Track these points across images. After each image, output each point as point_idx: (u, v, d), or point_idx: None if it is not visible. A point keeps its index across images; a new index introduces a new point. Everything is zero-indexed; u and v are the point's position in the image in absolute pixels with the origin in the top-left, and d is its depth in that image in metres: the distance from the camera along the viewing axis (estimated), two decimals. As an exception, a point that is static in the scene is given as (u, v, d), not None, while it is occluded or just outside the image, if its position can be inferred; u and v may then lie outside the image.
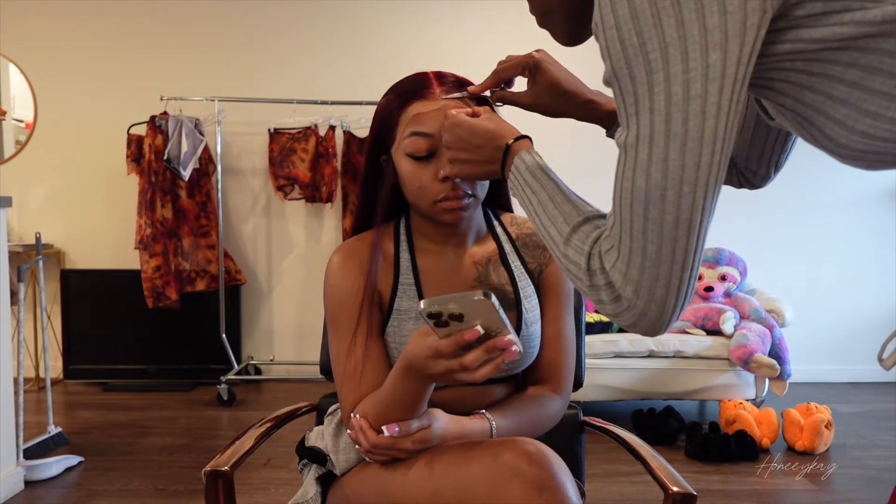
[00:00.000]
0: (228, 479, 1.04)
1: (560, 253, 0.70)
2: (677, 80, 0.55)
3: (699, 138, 0.56)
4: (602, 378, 3.11)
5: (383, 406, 0.95)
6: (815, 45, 0.56)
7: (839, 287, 4.09)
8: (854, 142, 0.59)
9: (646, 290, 0.61)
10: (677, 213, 0.58)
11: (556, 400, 1.10)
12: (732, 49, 0.54)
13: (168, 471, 2.60)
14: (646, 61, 0.56)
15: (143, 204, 3.62)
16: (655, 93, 0.56)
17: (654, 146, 0.57)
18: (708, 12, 0.54)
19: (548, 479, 0.83)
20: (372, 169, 1.09)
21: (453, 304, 0.79)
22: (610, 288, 0.63)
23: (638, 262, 0.61)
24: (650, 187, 0.58)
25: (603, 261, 0.64)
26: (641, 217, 0.60)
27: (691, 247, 0.60)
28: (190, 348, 3.91)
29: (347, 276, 1.05)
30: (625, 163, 0.60)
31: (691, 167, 0.57)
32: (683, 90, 0.55)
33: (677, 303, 0.62)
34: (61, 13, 4.01)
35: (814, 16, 0.55)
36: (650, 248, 0.60)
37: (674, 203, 0.58)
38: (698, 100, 0.55)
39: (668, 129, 0.56)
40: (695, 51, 0.54)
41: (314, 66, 4.07)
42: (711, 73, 0.55)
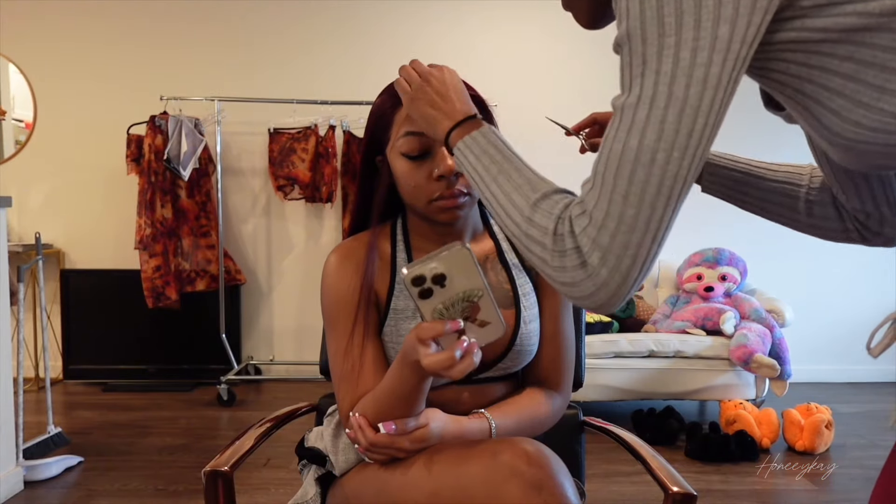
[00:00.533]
0: (228, 479, 1.04)
1: (523, 217, 0.69)
2: (687, 45, 0.57)
3: (696, 106, 0.58)
4: (602, 378, 3.11)
5: (381, 402, 0.95)
6: (819, 34, 0.58)
7: (839, 287, 4.09)
8: (847, 131, 0.61)
9: (613, 257, 0.61)
10: (662, 178, 0.59)
11: (555, 399, 1.10)
12: (740, 26, 0.57)
13: (168, 471, 2.60)
14: (660, 24, 0.58)
15: (142, 204, 3.62)
16: (664, 56, 0.58)
17: (654, 108, 0.59)
18: None
19: (546, 479, 0.83)
20: (368, 169, 1.09)
21: (434, 263, 0.80)
22: (576, 252, 0.63)
23: (612, 226, 0.61)
24: (642, 148, 0.59)
25: (573, 224, 0.64)
26: (626, 179, 0.60)
27: (666, 217, 0.61)
28: (190, 348, 3.91)
29: (344, 276, 1.05)
30: (619, 125, 0.61)
31: (685, 133, 0.58)
32: (691, 56, 0.57)
33: (639, 276, 0.62)
34: (61, 13, 4.01)
35: (818, 6, 0.57)
36: (628, 213, 0.60)
37: (661, 167, 0.59)
38: (703, 68, 0.57)
39: (670, 92, 0.58)
40: (707, 20, 0.56)
41: (314, 66, 4.08)
42: (719, 44, 0.57)
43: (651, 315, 3.53)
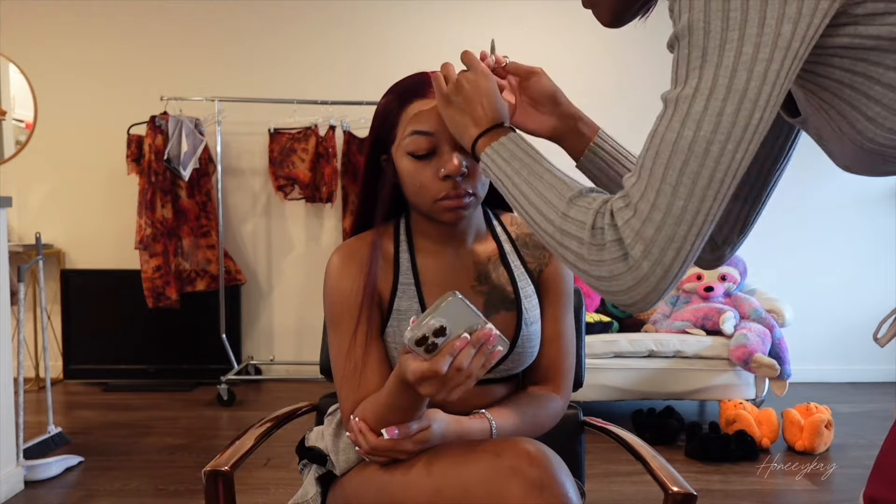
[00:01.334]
0: (228, 479, 1.04)
1: (558, 213, 0.69)
2: (750, 40, 0.58)
3: (755, 100, 0.59)
4: (602, 378, 3.11)
5: (383, 409, 0.95)
6: (871, 41, 0.60)
7: (839, 287, 4.09)
8: (880, 136, 0.63)
9: (657, 249, 0.61)
10: (714, 170, 0.60)
11: (556, 400, 1.10)
12: (802, 26, 0.58)
13: (168, 471, 2.60)
14: (725, 18, 0.58)
15: (143, 204, 3.62)
16: (727, 49, 0.58)
17: (713, 99, 0.59)
18: None
19: (547, 479, 0.83)
20: (372, 169, 1.09)
21: (432, 321, 0.81)
22: (617, 245, 0.63)
23: (658, 218, 0.61)
24: (697, 139, 0.60)
25: (615, 217, 0.64)
26: (677, 170, 0.60)
27: (713, 211, 0.61)
28: (190, 348, 3.91)
29: (347, 276, 1.05)
30: (672, 116, 0.61)
31: (741, 126, 0.59)
32: (754, 51, 0.58)
33: (679, 271, 0.62)
34: (61, 13, 4.01)
35: (871, 15, 0.59)
36: (676, 204, 0.60)
37: (715, 159, 0.59)
38: (764, 63, 0.58)
39: (730, 85, 0.59)
40: (772, 18, 0.57)
41: (314, 66, 4.08)
42: (781, 41, 0.58)
43: (651, 315, 3.53)
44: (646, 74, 3.91)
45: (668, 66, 0.66)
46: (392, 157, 1.04)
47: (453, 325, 0.82)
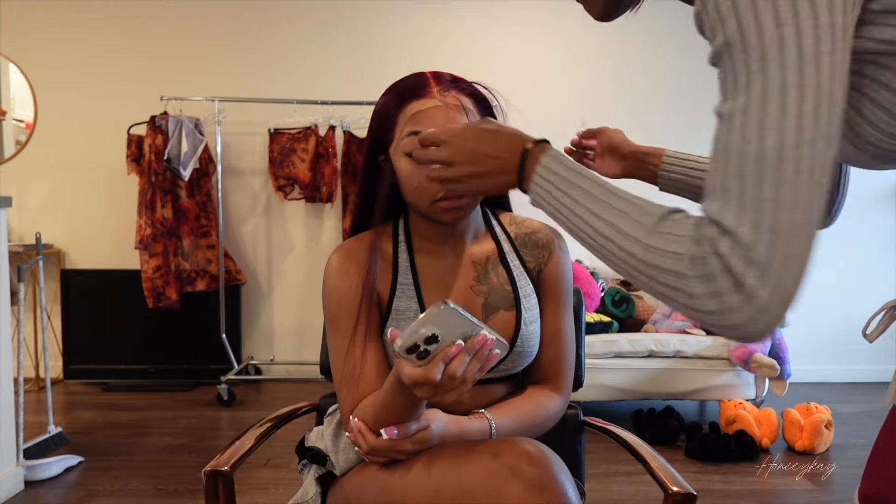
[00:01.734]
0: (228, 479, 1.04)
1: (642, 246, 0.61)
2: (808, 33, 0.54)
3: (830, 92, 0.55)
4: (602, 378, 3.11)
5: (381, 410, 0.95)
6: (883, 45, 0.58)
7: (839, 287, 4.09)
8: (882, 141, 0.62)
9: (775, 273, 0.55)
10: (812, 174, 0.55)
11: (555, 399, 1.10)
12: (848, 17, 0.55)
13: (168, 471, 2.60)
14: (776, 13, 0.55)
15: (143, 204, 3.62)
16: (786, 46, 0.55)
17: (788, 99, 0.55)
18: None
19: (547, 479, 0.83)
20: (370, 169, 1.09)
21: (423, 329, 0.79)
22: (728, 275, 0.56)
23: (766, 238, 0.55)
24: (783, 144, 0.54)
25: (717, 245, 0.56)
26: (772, 181, 0.55)
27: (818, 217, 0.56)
28: (190, 348, 3.91)
29: (346, 276, 1.05)
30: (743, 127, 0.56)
31: (824, 122, 0.55)
32: (815, 44, 0.54)
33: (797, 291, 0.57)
34: (61, 13, 4.01)
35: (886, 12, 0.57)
36: (782, 219, 0.54)
37: (809, 160, 0.54)
38: (828, 55, 0.54)
39: (801, 81, 0.54)
40: (822, 7, 0.54)
41: (314, 66, 4.08)
42: (837, 32, 0.55)
43: (651, 315, 3.53)
44: (646, 75, 3.91)
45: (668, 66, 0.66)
46: (390, 157, 1.04)
47: (446, 332, 0.81)
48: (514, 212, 1.19)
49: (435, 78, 1.03)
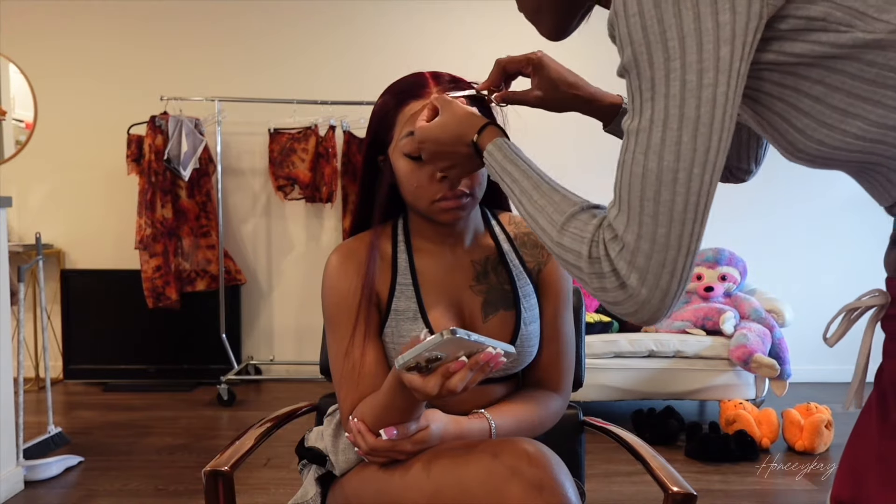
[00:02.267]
0: (228, 479, 1.04)
1: (553, 242, 0.71)
2: (692, 68, 0.59)
3: (709, 124, 0.60)
4: (602, 378, 3.11)
5: (381, 410, 0.95)
6: (794, 58, 0.61)
7: (839, 287, 4.07)
8: (810, 148, 0.65)
9: (652, 276, 0.63)
10: (687, 196, 0.61)
11: (555, 399, 1.10)
12: (738, 46, 0.59)
13: (168, 471, 2.60)
14: (665, 48, 0.60)
15: (143, 204, 3.62)
16: (671, 79, 0.60)
17: (668, 130, 0.61)
18: (721, 9, 0.59)
19: (547, 479, 0.83)
20: (369, 169, 1.09)
21: (426, 353, 0.79)
22: (615, 275, 0.65)
23: (646, 248, 0.62)
24: (663, 169, 0.61)
25: (608, 248, 0.65)
26: (652, 200, 0.62)
27: (695, 232, 0.62)
28: (190, 348, 3.91)
29: (345, 276, 1.05)
30: (635, 147, 0.63)
31: (702, 151, 0.60)
32: (697, 78, 0.59)
33: (679, 290, 0.64)
34: (61, 13, 4.01)
35: (796, 31, 0.60)
36: (660, 232, 0.62)
37: (685, 185, 0.61)
38: (710, 88, 0.59)
39: (682, 114, 0.60)
40: (709, 43, 0.59)
41: (314, 66, 4.08)
42: (722, 65, 0.59)
43: (651, 315, 3.53)
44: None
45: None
46: (389, 157, 1.04)
47: (450, 353, 0.81)
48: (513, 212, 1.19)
49: (434, 78, 1.04)
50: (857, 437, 0.72)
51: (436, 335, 0.77)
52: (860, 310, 0.74)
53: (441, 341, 0.77)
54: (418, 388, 0.84)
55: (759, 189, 4.05)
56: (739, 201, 4.07)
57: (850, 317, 0.76)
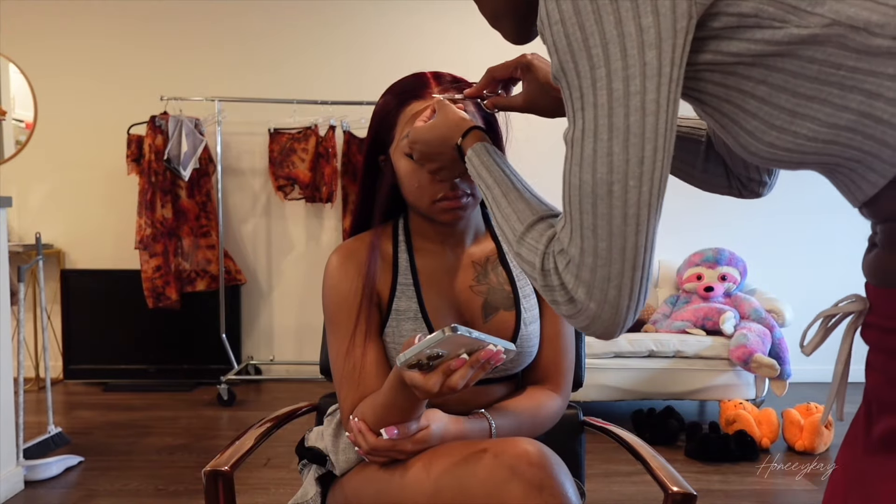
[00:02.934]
0: (228, 479, 1.04)
1: (514, 252, 0.70)
2: (618, 75, 0.57)
3: (641, 133, 0.57)
4: (602, 378, 3.11)
5: (382, 409, 0.95)
6: (732, 58, 0.59)
7: (839, 287, 4.06)
8: (762, 150, 0.62)
9: (598, 291, 0.61)
10: (625, 209, 0.59)
11: (555, 399, 1.10)
12: (666, 49, 0.57)
13: (168, 471, 2.60)
14: (589, 56, 0.58)
15: (143, 204, 3.62)
16: (598, 87, 0.58)
17: (599, 141, 0.58)
18: (643, 12, 0.56)
19: (547, 479, 0.83)
20: (370, 169, 1.09)
21: (427, 351, 0.80)
22: (563, 289, 0.63)
23: (589, 262, 0.60)
24: (597, 182, 0.59)
25: (556, 261, 0.64)
26: (590, 213, 0.60)
27: (640, 244, 0.60)
28: (190, 348, 3.91)
29: (346, 276, 1.05)
30: (571, 159, 0.61)
31: (635, 162, 0.58)
32: (624, 86, 0.57)
33: (630, 304, 0.61)
34: (62, 13, 4.01)
35: (730, 28, 0.58)
36: (601, 246, 0.60)
37: (620, 198, 0.58)
38: (638, 96, 0.57)
39: (611, 124, 0.58)
40: (632, 48, 0.56)
41: (314, 67, 4.08)
42: (649, 70, 0.57)
43: (651, 315, 3.53)
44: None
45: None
46: (390, 157, 1.05)
47: (451, 350, 0.82)
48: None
49: (435, 78, 1.04)
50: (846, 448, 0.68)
51: (437, 332, 0.78)
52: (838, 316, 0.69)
53: (442, 338, 0.77)
54: (419, 386, 0.84)
55: (759, 189, 4.06)
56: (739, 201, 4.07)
57: (826, 324, 0.71)
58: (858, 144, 0.58)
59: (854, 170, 0.60)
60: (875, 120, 0.56)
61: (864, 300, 0.65)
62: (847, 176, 0.62)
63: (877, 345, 0.64)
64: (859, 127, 0.57)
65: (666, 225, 3.23)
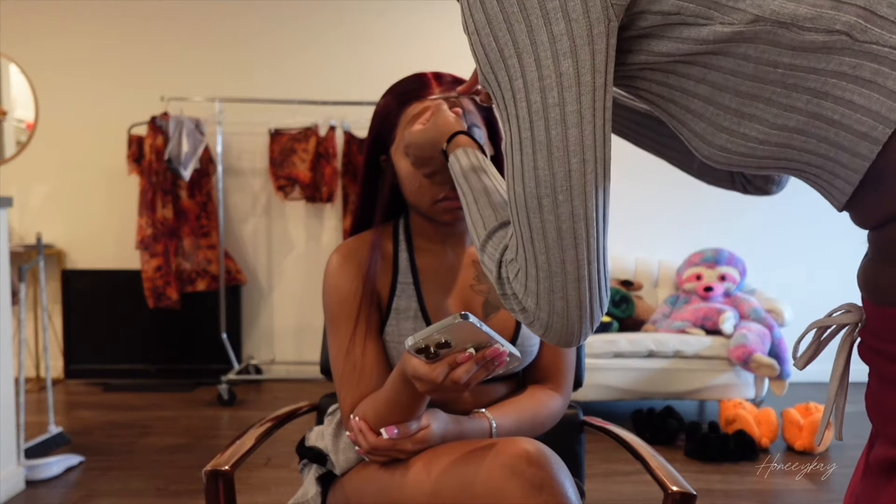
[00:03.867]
0: (229, 478, 1.04)
1: (481, 259, 0.69)
2: (534, 87, 0.54)
3: (564, 147, 0.55)
4: (602, 378, 3.11)
5: (382, 408, 0.95)
6: (664, 58, 0.55)
7: (839, 287, 4.07)
8: (715, 154, 0.59)
9: (545, 301, 0.59)
10: (557, 223, 0.56)
11: (556, 399, 1.10)
12: (584, 57, 0.53)
13: (168, 471, 2.60)
14: (506, 67, 0.55)
15: (143, 204, 3.63)
16: (518, 100, 0.56)
17: (524, 154, 0.56)
18: (553, 19, 0.53)
19: (547, 479, 0.84)
20: (371, 169, 1.09)
21: (437, 335, 0.80)
22: (516, 299, 0.62)
23: (533, 273, 0.59)
24: (528, 195, 0.57)
25: (508, 271, 0.63)
26: (527, 226, 0.58)
27: (582, 258, 0.57)
28: (190, 348, 3.91)
29: (346, 276, 1.05)
30: (507, 169, 0.59)
31: (562, 175, 0.55)
32: (541, 98, 0.54)
33: (583, 314, 0.59)
34: (62, 13, 4.01)
35: (657, 27, 0.55)
36: (540, 259, 0.58)
37: (551, 212, 0.56)
38: (556, 108, 0.54)
39: (533, 137, 0.55)
40: (546, 58, 0.53)
41: (315, 67, 4.08)
42: (565, 80, 0.54)
43: (650, 315, 3.54)
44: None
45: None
46: (391, 157, 1.05)
47: (459, 341, 0.82)
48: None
49: (436, 78, 1.04)
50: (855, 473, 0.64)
51: (449, 317, 0.79)
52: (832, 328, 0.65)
53: (454, 324, 0.78)
54: (424, 375, 0.84)
55: (758, 189, 4.06)
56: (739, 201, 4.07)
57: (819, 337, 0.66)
58: (814, 148, 0.54)
59: (819, 175, 0.56)
60: (826, 121, 0.52)
61: (859, 310, 0.61)
62: (815, 182, 0.58)
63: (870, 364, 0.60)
64: (811, 129, 0.53)
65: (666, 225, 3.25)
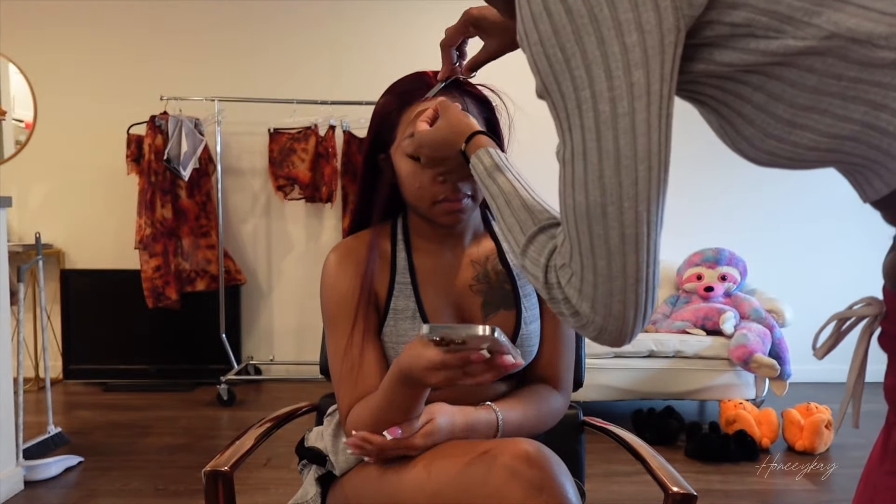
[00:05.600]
0: (228, 479, 1.04)
1: (519, 263, 0.70)
2: (603, 97, 0.55)
3: (632, 155, 0.56)
4: (602, 378, 3.11)
5: (379, 410, 0.95)
6: (726, 67, 0.57)
7: (839, 287, 4.08)
8: (761, 157, 0.61)
9: (602, 305, 0.60)
10: (621, 229, 0.57)
11: (557, 397, 1.10)
12: (654, 67, 0.55)
13: (168, 471, 2.60)
14: (572, 77, 0.56)
15: (143, 204, 3.62)
16: (584, 110, 0.56)
17: (589, 163, 0.57)
18: (626, 31, 0.54)
19: (547, 480, 0.83)
20: (370, 168, 1.09)
21: (458, 337, 0.80)
22: (568, 303, 0.63)
23: (590, 278, 0.60)
24: (590, 204, 0.58)
25: (559, 276, 0.63)
26: (587, 234, 0.59)
27: (642, 261, 0.59)
28: (190, 348, 3.91)
29: (344, 275, 1.05)
30: (564, 178, 0.60)
31: (629, 183, 0.56)
32: (611, 108, 0.55)
33: (637, 315, 0.61)
34: (61, 13, 4.01)
35: (723, 37, 0.56)
36: (600, 265, 0.59)
37: (616, 219, 0.57)
38: (626, 117, 0.55)
39: (599, 147, 0.56)
40: (617, 69, 0.54)
41: (314, 67, 4.08)
42: (636, 90, 0.55)
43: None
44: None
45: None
46: (391, 156, 1.04)
47: (475, 344, 0.82)
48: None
49: (436, 78, 1.04)
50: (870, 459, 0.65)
51: (482, 327, 0.78)
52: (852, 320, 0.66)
53: (484, 336, 0.78)
54: (436, 364, 0.83)
55: (759, 188, 4.05)
56: (739, 201, 4.07)
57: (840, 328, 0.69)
58: (863, 153, 0.56)
59: (860, 173, 0.59)
60: (880, 131, 0.54)
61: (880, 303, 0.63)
62: (851, 175, 0.60)
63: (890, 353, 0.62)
64: (863, 137, 0.55)
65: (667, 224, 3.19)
